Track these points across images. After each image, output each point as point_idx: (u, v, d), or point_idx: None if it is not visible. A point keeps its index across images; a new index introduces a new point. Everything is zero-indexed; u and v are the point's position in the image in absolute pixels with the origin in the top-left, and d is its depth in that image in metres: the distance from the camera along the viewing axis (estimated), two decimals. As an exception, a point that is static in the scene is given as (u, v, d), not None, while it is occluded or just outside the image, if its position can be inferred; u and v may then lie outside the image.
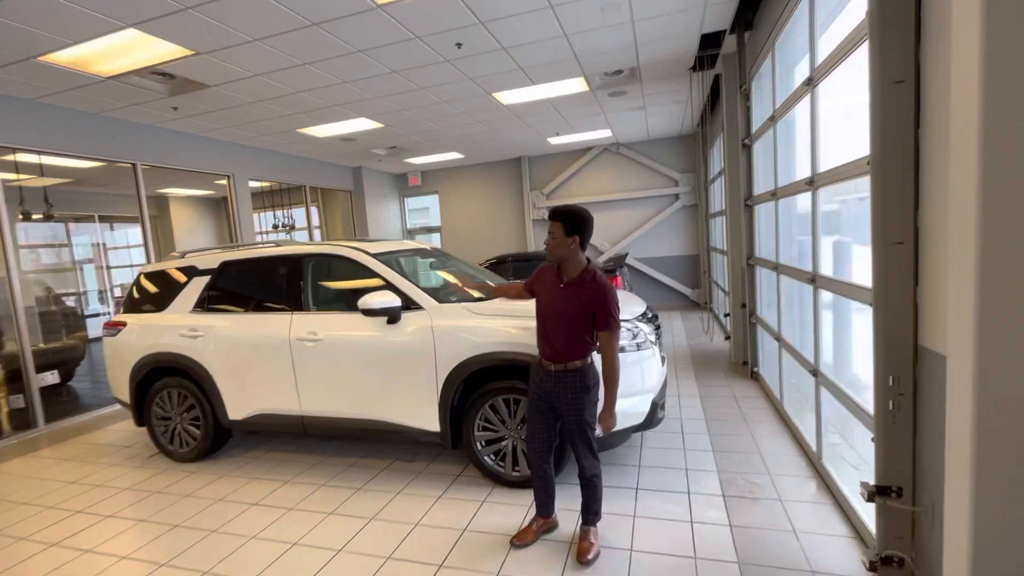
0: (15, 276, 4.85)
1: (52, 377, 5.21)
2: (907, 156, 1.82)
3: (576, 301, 2.32)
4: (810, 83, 2.84)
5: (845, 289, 2.48)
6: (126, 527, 3.03)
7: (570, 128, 8.10)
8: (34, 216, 6.15)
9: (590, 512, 2.49)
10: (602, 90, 6.12)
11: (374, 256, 3.52)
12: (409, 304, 3.28)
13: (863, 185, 3.33)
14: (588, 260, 2.39)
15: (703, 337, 6.99)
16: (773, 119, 3.81)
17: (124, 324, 4.07)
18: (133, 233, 11.10)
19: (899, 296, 1.89)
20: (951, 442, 1.38)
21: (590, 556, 2.38)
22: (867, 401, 2.39)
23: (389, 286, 3.35)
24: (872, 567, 2.01)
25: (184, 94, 5.08)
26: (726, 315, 6.07)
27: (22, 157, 5.53)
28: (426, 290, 3.36)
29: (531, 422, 2.51)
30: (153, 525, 3.02)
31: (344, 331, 3.39)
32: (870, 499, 1.98)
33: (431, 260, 4.33)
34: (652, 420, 3.12)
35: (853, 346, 3.63)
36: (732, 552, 2.37)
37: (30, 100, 4.92)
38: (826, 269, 3.00)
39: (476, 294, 3.59)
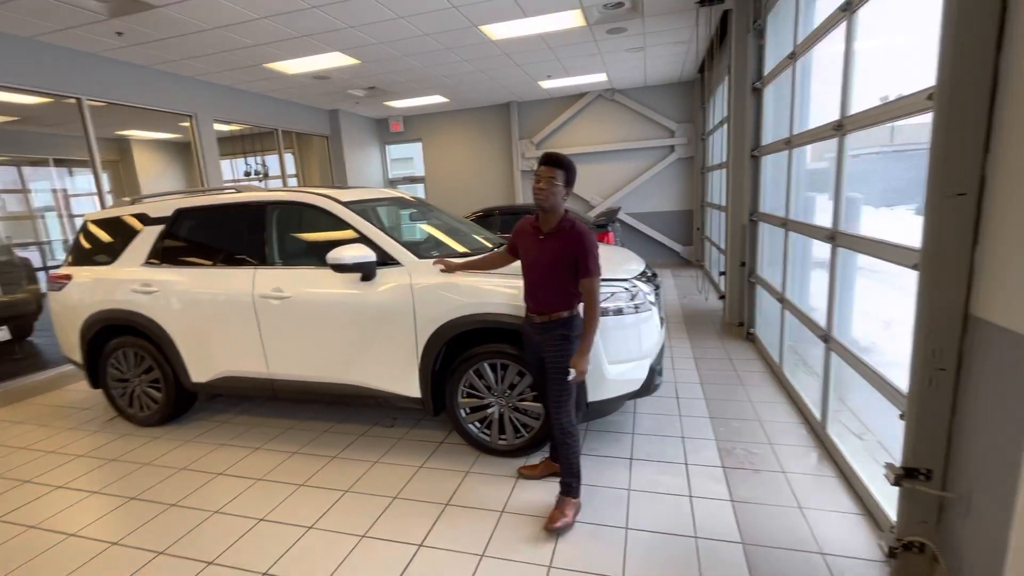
0: (-52, 223, 4.35)
1: (2, 333, 4.82)
2: (982, 86, 1.50)
3: (556, 251, 2.24)
4: (848, 7, 2.45)
5: (877, 249, 2.21)
6: (77, 499, 2.78)
7: (564, 71, 7.53)
8: (-30, 156, 5.53)
9: (563, 480, 2.36)
10: (600, 25, 5.58)
11: (346, 205, 3.14)
12: (385, 259, 2.94)
13: (894, 135, 3.03)
14: (565, 210, 2.30)
15: (695, 296, 6.79)
16: (793, 56, 3.41)
17: (70, 277, 3.68)
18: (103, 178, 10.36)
19: (953, 257, 1.62)
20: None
21: (557, 524, 2.24)
22: (881, 368, 2.19)
23: (363, 239, 3.00)
24: (892, 553, 1.85)
25: (127, 15, 4.45)
26: (721, 273, 5.85)
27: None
28: (405, 244, 3.02)
29: (534, 377, 2.60)
30: (107, 498, 2.78)
31: (313, 288, 3.06)
32: (897, 483, 1.79)
33: (411, 211, 3.96)
34: (650, 386, 2.91)
35: (853, 308, 3.45)
36: (735, 530, 2.20)
37: (-55, 18, 4.26)
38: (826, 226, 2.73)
39: (461, 249, 3.28)
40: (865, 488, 2.32)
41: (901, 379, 2.04)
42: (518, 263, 2.50)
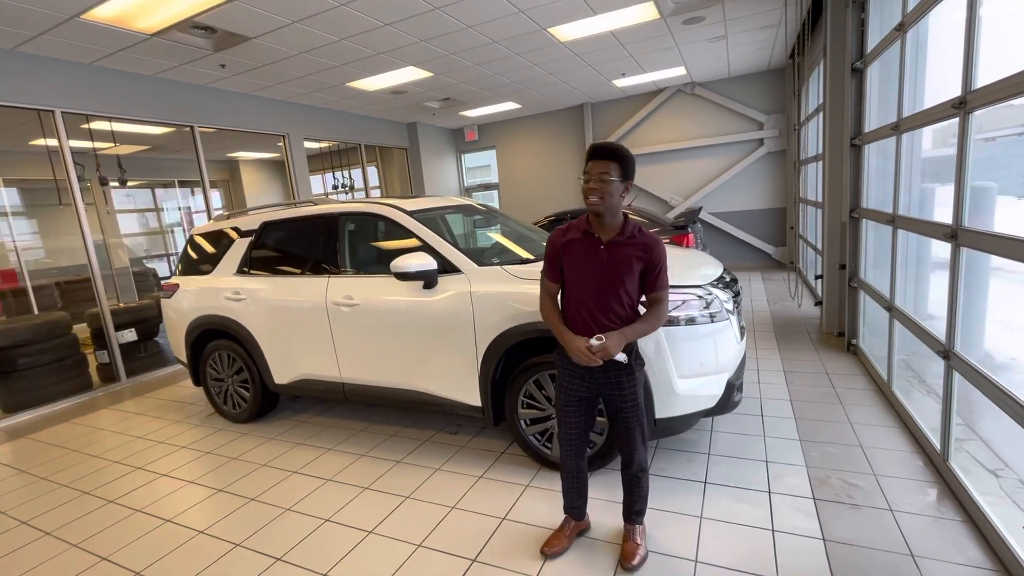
0: (89, 239, 5.06)
1: (130, 335, 5.52)
2: None
3: (625, 262, 1.89)
4: (970, -37, 2.06)
5: (1014, 248, 1.81)
6: (175, 488, 3.07)
7: (638, 68, 7.24)
8: (110, 182, 6.43)
9: (633, 511, 2.14)
10: (675, 16, 5.28)
11: (410, 214, 3.20)
12: (446, 267, 2.95)
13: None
14: (624, 212, 1.95)
15: (788, 301, 6.19)
16: (902, 27, 2.96)
17: (178, 286, 4.10)
18: (215, 196, 11.69)
19: (1122, 259, 1.27)
20: None
21: (636, 560, 2.04)
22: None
23: (425, 247, 3.03)
24: (1036, 627, 1.49)
25: (229, 49, 4.93)
26: (818, 277, 5.27)
27: (95, 126, 5.73)
28: (466, 252, 3.01)
29: (565, 415, 2.06)
30: (199, 488, 3.03)
31: (380, 296, 3.14)
32: (1043, 540, 1.44)
33: (476, 218, 3.96)
34: (727, 404, 2.65)
35: (985, 318, 2.91)
36: (827, 576, 1.91)
37: (88, 65, 4.97)
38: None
39: (525, 255, 3.21)
40: (1000, 538, 1.92)
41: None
42: None
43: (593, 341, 1.84)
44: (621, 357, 1.90)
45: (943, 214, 2.68)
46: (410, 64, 5.96)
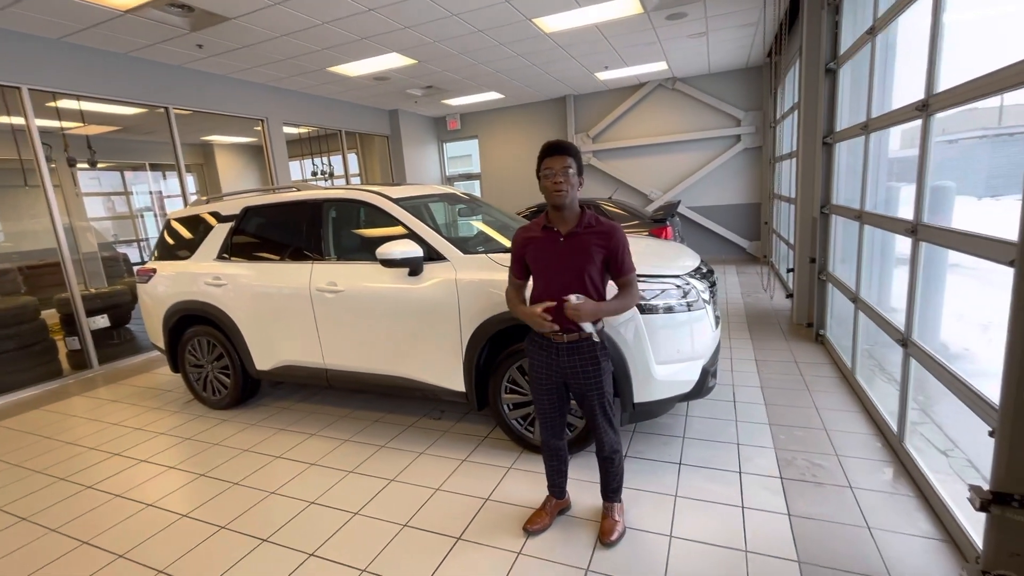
0: (59, 222, 4.91)
1: (102, 321, 5.38)
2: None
3: (586, 251, 1.97)
4: (936, -28, 2.18)
5: (967, 243, 1.95)
6: (156, 473, 3.05)
7: (621, 61, 7.31)
8: (79, 163, 6.22)
9: (610, 490, 2.23)
10: (659, 11, 5.35)
11: (395, 201, 3.22)
12: (432, 254, 2.99)
13: (1002, 116, 2.68)
14: (580, 204, 2.05)
15: (761, 294, 6.40)
16: (872, 31, 3.09)
17: (155, 271, 4.03)
18: (188, 180, 11.35)
19: (1058, 252, 1.39)
20: None
21: (614, 536, 2.14)
22: (974, 377, 1.94)
23: (411, 234, 3.06)
24: (975, 587, 1.63)
25: (206, 29, 4.81)
26: (789, 271, 5.47)
27: (63, 104, 5.52)
28: (452, 240, 3.05)
29: (540, 400, 2.16)
30: (180, 473, 3.02)
31: (365, 282, 3.16)
32: (983, 508, 1.58)
33: (460, 207, 3.99)
34: (702, 389, 2.76)
35: (942, 310, 3.10)
36: (791, 547, 2.04)
37: (57, 40, 4.79)
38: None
39: (509, 244, 3.25)
40: (948, 511, 2.08)
41: (994, 390, 1.80)
42: None
43: (572, 298, 1.88)
44: (589, 327, 1.95)
45: (906, 211, 2.84)
46: (393, 51, 5.90)
